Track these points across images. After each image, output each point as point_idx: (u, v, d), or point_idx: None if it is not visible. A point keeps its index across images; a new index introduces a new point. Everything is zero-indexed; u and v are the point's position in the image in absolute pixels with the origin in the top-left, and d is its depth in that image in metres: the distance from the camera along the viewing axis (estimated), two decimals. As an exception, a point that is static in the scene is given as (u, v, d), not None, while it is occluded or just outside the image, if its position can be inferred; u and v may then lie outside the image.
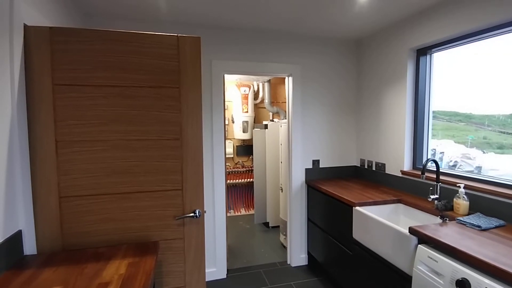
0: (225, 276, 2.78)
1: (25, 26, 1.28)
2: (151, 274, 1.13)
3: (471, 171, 2.07)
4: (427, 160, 1.95)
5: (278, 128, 3.76)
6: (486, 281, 1.15)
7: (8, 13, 1.19)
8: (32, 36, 1.29)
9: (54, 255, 1.29)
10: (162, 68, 1.45)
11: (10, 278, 1.08)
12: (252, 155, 4.43)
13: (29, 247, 1.30)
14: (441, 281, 1.34)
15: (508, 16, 1.66)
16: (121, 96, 1.41)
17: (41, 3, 1.48)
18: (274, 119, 4.40)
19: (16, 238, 1.22)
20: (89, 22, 2.32)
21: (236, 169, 4.74)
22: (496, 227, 1.57)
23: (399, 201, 2.20)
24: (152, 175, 1.47)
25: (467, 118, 2.18)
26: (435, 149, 2.37)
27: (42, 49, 1.30)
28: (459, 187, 1.81)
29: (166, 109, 1.47)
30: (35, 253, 1.33)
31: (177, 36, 1.46)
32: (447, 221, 1.76)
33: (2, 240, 1.12)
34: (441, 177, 2.04)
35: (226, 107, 3.37)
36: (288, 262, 3.05)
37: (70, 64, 1.34)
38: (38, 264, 1.20)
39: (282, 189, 3.56)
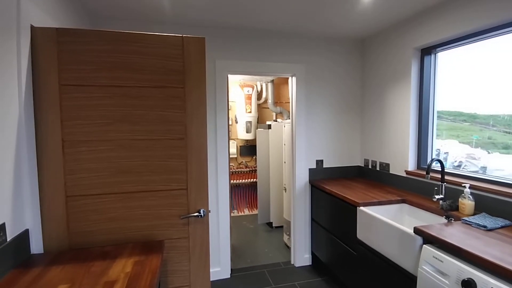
0: (229, 276, 2.79)
1: (32, 27, 1.30)
2: (157, 273, 1.13)
3: (476, 171, 2.05)
4: (432, 160, 1.94)
5: (282, 128, 3.76)
6: (492, 281, 1.15)
7: (16, 14, 1.20)
8: (39, 37, 1.31)
9: (61, 254, 1.30)
10: (166, 68, 1.46)
11: (17, 277, 1.09)
12: (256, 155, 4.43)
13: (36, 246, 1.32)
14: (447, 281, 1.34)
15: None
16: (126, 96, 1.42)
17: (47, 4, 1.50)
18: (278, 119, 4.40)
19: (23, 237, 1.23)
20: (95, 24, 2.34)
21: (240, 169, 4.75)
22: (502, 227, 1.56)
23: (403, 201, 2.20)
24: (157, 175, 1.48)
25: (472, 118, 2.16)
26: (439, 149, 2.36)
27: (49, 50, 1.32)
28: (465, 187, 1.80)
29: (171, 109, 1.48)
30: (42, 252, 1.34)
31: (182, 36, 1.47)
32: (452, 221, 1.75)
33: (10, 239, 1.13)
34: (446, 177, 2.03)
35: (229, 107, 3.38)
36: (292, 262, 3.05)
37: (76, 65, 1.35)
38: (45, 263, 1.21)
39: (285, 189, 3.55)
